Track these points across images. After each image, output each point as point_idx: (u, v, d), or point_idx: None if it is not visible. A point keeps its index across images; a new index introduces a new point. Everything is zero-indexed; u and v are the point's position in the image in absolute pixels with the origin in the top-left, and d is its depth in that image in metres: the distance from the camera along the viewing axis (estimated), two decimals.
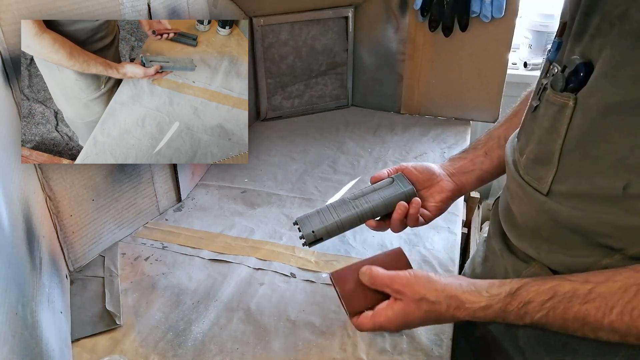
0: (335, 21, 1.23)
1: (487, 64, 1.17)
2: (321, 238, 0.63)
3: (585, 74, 0.44)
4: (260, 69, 1.21)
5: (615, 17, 0.41)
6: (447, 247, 0.80)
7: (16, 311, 0.45)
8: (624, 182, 0.42)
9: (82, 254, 0.76)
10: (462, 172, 0.70)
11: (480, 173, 0.69)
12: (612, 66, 0.42)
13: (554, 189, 0.48)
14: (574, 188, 0.46)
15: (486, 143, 0.70)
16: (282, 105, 1.29)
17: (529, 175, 0.52)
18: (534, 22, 1.47)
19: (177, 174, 0.90)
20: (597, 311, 0.42)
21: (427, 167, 0.69)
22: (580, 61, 0.45)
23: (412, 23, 1.19)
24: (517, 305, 0.47)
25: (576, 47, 0.46)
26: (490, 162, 0.69)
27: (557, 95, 0.47)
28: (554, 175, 0.48)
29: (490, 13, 1.09)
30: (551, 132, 0.48)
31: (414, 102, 1.29)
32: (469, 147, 0.73)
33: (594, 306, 0.42)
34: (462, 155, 0.72)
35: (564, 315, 0.44)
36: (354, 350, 0.62)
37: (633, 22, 0.39)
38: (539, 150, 0.50)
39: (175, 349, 0.62)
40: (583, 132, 0.45)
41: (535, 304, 0.46)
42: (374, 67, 1.29)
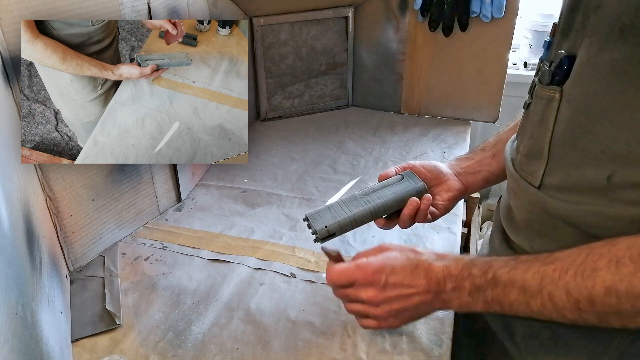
0: (335, 21, 1.23)
1: (487, 64, 1.17)
2: (334, 233, 0.64)
3: (568, 66, 0.46)
4: (260, 69, 1.21)
5: (592, 8, 0.42)
6: (447, 247, 0.80)
7: (16, 311, 0.45)
8: (608, 173, 0.43)
9: (82, 254, 0.76)
10: (469, 172, 0.70)
11: (487, 175, 0.70)
12: (591, 55, 0.43)
13: (545, 182, 0.49)
14: (564, 180, 0.47)
15: (495, 145, 0.71)
16: (282, 105, 1.29)
17: (523, 170, 0.53)
18: (534, 22, 1.48)
19: (177, 174, 0.90)
20: (554, 272, 0.43)
21: (434, 165, 0.70)
22: (565, 55, 0.46)
23: (412, 23, 1.19)
24: (484, 261, 0.50)
25: (563, 43, 0.48)
26: (498, 165, 0.70)
27: (545, 89, 0.49)
28: (545, 168, 0.49)
29: (490, 13, 1.09)
30: (541, 126, 0.50)
31: (414, 102, 1.29)
32: (476, 149, 0.74)
33: (552, 268, 0.43)
34: (469, 156, 0.72)
35: (524, 275, 0.45)
36: (354, 350, 0.62)
37: (606, 12, 0.41)
38: (531, 145, 0.52)
39: (175, 349, 0.62)
40: (569, 124, 0.46)
41: (500, 260, 0.48)
42: (374, 67, 1.29)
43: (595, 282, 0.40)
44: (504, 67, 1.16)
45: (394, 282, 0.52)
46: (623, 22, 0.39)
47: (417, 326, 0.64)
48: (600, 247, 0.41)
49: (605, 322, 0.41)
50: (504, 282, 0.46)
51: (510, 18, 1.10)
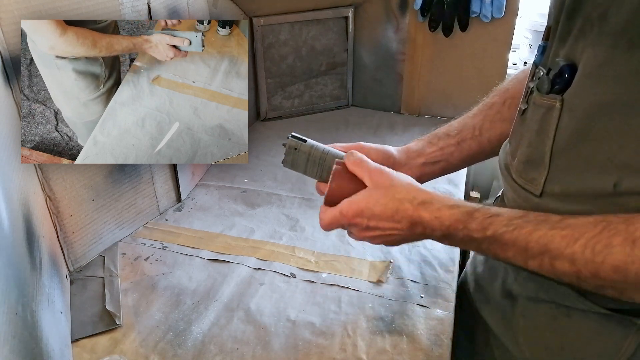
0: (335, 21, 1.23)
1: (487, 64, 1.17)
2: (302, 143, 0.61)
3: (569, 75, 0.45)
4: (260, 69, 1.21)
5: (596, 18, 0.42)
6: (447, 247, 0.80)
7: (16, 311, 0.45)
8: (614, 180, 0.42)
9: (82, 254, 0.76)
10: (429, 162, 0.66)
11: (446, 165, 0.67)
12: (595, 67, 0.42)
13: (547, 190, 0.48)
14: (567, 188, 0.46)
15: (460, 132, 0.67)
16: (282, 105, 1.29)
17: (522, 178, 0.52)
18: (534, 22, 1.47)
19: (177, 174, 0.90)
20: (562, 239, 0.42)
21: (386, 149, 0.65)
22: (564, 63, 0.46)
23: (412, 23, 1.19)
24: (485, 213, 0.47)
25: (561, 50, 0.47)
26: (460, 154, 0.67)
27: (544, 97, 0.48)
28: (546, 176, 0.48)
29: (490, 13, 1.09)
30: (540, 134, 0.49)
31: (414, 102, 1.29)
32: (439, 132, 0.69)
33: (561, 234, 0.42)
34: (431, 140, 0.68)
35: (528, 237, 0.44)
36: (354, 350, 0.62)
37: (611, 23, 0.40)
38: (530, 152, 0.51)
39: (175, 349, 0.62)
40: (572, 132, 0.45)
41: (503, 217, 0.46)
42: (374, 67, 1.29)
43: (606, 259, 0.39)
44: (504, 67, 1.16)
45: (374, 226, 0.54)
46: (631, 34, 0.38)
47: (417, 326, 0.65)
48: (618, 223, 0.39)
49: (601, 291, 0.41)
50: (504, 241, 0.45)
51: (510, 18, 1.10)
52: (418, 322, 0.65)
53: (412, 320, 0.66)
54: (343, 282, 0.73)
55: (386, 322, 0.66)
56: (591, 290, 0.42)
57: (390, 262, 0.76)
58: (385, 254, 0.78)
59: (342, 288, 0.72)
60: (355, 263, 0.77)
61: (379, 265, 0.76)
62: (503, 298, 0.59)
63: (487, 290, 0.63)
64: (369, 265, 0.76)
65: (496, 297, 0.60)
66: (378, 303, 0.69)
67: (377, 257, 0.78)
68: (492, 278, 0.62)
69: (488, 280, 0.63)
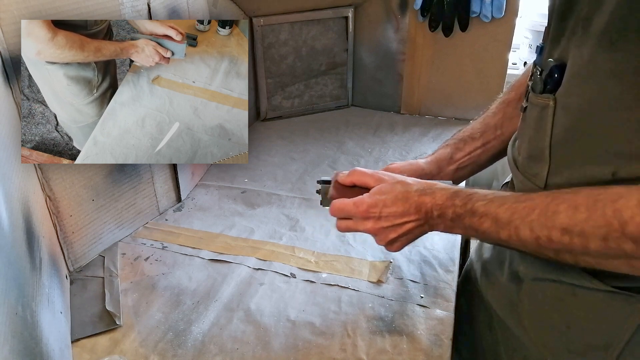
0: (335, 21, 1.23)
1: (487, 64, 1.17)
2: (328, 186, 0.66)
3: (559, 75, 0.48)
4: (260, 69, 1.21)
5: (582, 19, 0.44)
6: (447, 247, 0.80)
7: (16, 311, 0.45)
8: (612, 169, 0.45)
9: (82, 254, 0.76)
10: (461, 167, 0.70)
11: (475, 167, 0.71)
12: (581, 66, 0.45)
13: (550, 183, 0.51)
14: (568, 180, 0.49)
15: (483, 133, 0.70)
16: (282, 105, 1.29)
17: (527, 172, 0.55)
18: (534, 22, 1.47)
19: (177, 174, 0.90)
20: (524, 209, 0.47)
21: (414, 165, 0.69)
22: (554, 64, 0.48)
23: (412, 23, 1.19)
24: (467, 191, 0.54)
25: (554, 51, 0.49)
26: (486, 155, 0.70)
27: (538, 97, 0.51)
28: (548, 170, 0.51)
29: (490, 13, 1.09)
30: (538, 131, 0.51)
31: (414, 102, 1.29)
32: (464, 135, 0.72)
33: (523, 205, 0.47)
34: (458, 145, 0.71)
35: (497, 209, 0.49)
36: (354, 350, 0.62)
37: (595, 24, 0.42)
38: (531, 148, 0.53)
39: (175, 349, 0.62)
40: (567, 128, 0.48)
41: (479, 194, 0.52)
42: (374, 67, 1.29)
43: (555, 222, 0.44)
44: (504, 67, 1.16)
45: (387, 215, 0.58)
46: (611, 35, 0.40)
47: (417, 326, 0.65)
48: (564, 194, 0.45)
49: (561, 258, 0.46)
50: (480, 213, 0.51)
51: (510, 18, 1.10)
52: (418, 322, 0.65)
53: (412, 320, 0.66)
54: (343, 282, 0.73)
55: (386, 322, 0.66)
56: (554, 258, 0.47)
57: (390, 262, 0.76)
58: (386, 254, 0.78)
59: (342, 288, 0.72)
60: (355, 263, 0.77)
61: (379, 265, 0.76)
62: (509, 281, 0.60)
63: (494, 274, 0.64)
64: (369, 265, 0.76)
65: (502, 281, 0.61)
66: (378, 303, 0.69)
67: (377, 257, 0.78)
68: (499, 261, 0.63)
69: (495, 264, 0.64)
